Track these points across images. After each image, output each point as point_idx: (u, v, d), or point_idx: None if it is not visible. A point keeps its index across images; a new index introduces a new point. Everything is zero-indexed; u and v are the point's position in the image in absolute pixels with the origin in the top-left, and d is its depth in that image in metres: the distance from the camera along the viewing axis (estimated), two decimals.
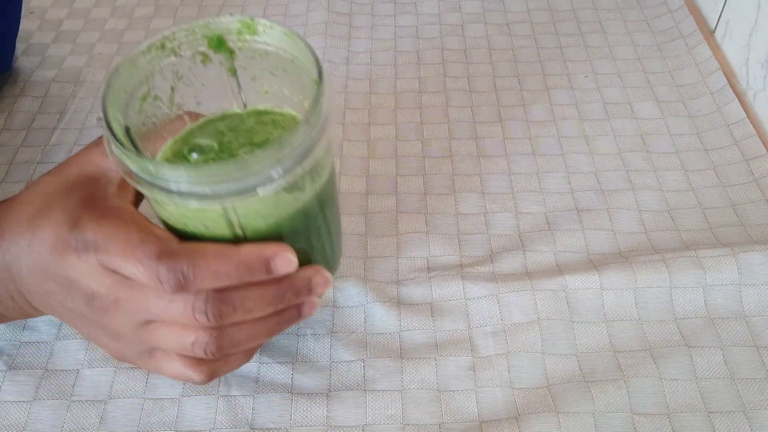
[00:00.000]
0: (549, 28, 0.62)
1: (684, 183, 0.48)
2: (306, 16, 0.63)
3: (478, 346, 0.39)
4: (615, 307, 0.40)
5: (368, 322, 0.40)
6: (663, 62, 0.58)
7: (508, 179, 0.49)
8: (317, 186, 0.32)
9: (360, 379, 0.38)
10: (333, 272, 0.37)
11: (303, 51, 0.31)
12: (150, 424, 0.36)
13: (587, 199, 0.47)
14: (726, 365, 0.38)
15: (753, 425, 0.35)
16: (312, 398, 0.37)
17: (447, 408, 0.37)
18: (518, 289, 0.41)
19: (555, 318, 0.40)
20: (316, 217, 0.33)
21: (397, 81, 0.57)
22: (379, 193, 0.48)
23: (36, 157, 0.51)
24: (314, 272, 0.33)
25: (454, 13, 0.64)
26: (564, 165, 0.50)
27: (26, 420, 0.36)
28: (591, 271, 0.41)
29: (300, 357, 0.39)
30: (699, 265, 0.41)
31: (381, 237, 0.45)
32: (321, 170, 0.32)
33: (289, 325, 0.33)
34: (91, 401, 0.37)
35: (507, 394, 0.37)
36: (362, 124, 0.53)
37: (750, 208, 0.46)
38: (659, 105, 0.54)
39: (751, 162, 0.48)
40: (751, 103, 0.53)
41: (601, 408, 0.36)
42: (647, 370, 0.38)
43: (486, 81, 0.57)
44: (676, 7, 0.62)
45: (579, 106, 0.54)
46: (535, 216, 0.46)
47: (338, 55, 0.59)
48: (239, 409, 0.37)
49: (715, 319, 0.40)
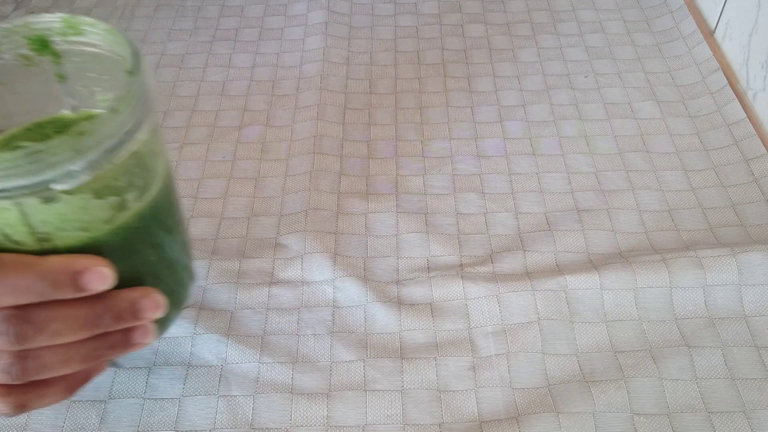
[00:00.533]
0: (549, 28, 0.62)
1: (684, 183, 0.48)
2: (306, 16, 0.63)
3: (478, 346, 0.39)
4: (615, 307, 0.40)
5: (368, 322, 0.40)
6: (663, 62, 0.58)
7: (508, 179, 0.49)
8: (144, 195, 0.28)
9: (360, 379, 0.38)
10: (180, 301, 0.34)
11: (124, 47, 0.29)
12: (150, 424, 0.36)
13: (587, 199, 0.47)
14: (726, 365, 0.38)
15: (753, 425, 0.35)
16: (312, 398, 0.37)
17: (447, 408, 0.37)
18: (518, 289, 0.41)
19: (555, 318, 0.40)
20: (146, 233, 0.29)
21: (397, 81, 0.57)
22: (379, 193, 0.48)
23: None
24: (142, 294, 0.29)
25: (454, 13, 0.64)
26: (564, 165, 0.50)
27: (26, 420, 0.36)
28: (591, 271, 0.41)
29: (300, 357, 0.39)
30: (699, 265, 0.41)
31: (381, 237, 0.45)
32: (146, 175, 0.28)
33: (115, 353, 0.30)
34: (91, 401, 0.37)
35: (507, 394, 0.37)
36: (362, 124, 0.53)
37: (750, 208, 0.46)
38: (659, 105, 0.54)
39: (751, 162, 0.48)
40: (751, 103, 0.53)
41: (602, 408, 0.36)
42: (647, 370, 0.38)
43: (486, 81, 0.57)
44: (676, 7, 0.62)
45: (579, 106, 0.54)
46: (535, 216, 0.46)
47: (338, 55, 0.59)
48: (239, 409, 0.37)
49: (715, 319, 0.40)
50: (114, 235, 0.28)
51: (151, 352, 0.39)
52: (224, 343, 0.39)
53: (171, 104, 0.55)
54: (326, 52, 0.59)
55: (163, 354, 0.39)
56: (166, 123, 0.53)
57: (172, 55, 0.60)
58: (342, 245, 0.44)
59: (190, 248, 0.36)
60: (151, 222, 0.30)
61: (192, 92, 0.56)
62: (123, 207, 0.28)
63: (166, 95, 0.56)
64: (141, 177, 0.28)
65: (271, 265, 0.43)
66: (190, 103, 0.55)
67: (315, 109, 0.54)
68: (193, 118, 0.54)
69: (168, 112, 0.55)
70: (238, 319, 0.41)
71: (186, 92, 0.56)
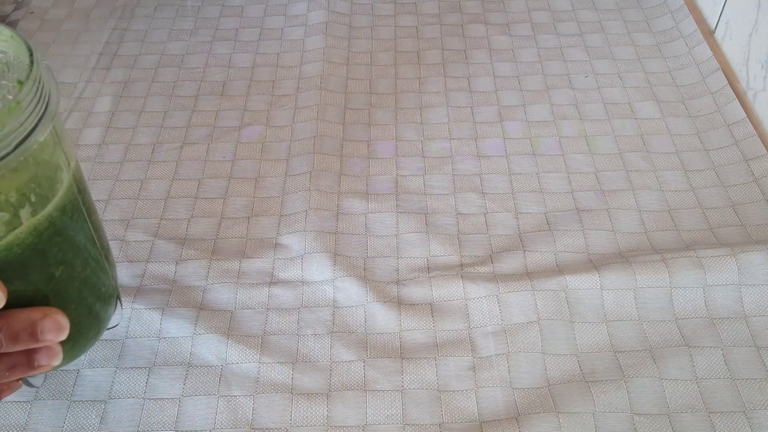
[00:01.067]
0: (549, 28, 0.62)
1: (684, 183, 0.48)
2: (306, 16, 0.63)
3: (478, 346, 0.39)
4: (615, 307, 0.40)
5: (368, 322, 0.40)
6: (663, 62, 0.58)
7: (508, 179, 0.49)
8: (42, 209, 0.27)
9: (360, 379, 0.38)
10: (96, 323, 0.33)
11: (25, 53, 0.27)
12: (150, 424, 0.36)
13: (587, 199, 0.47)
14: (726, 365, 0.38)
15: (753, 425, 0.35)
16: (312, 398, 0.37)
17: (447, 408, 0.37)
18: (518, 289, 0.41)
19: (555, 318, 0.40)
20: (47, 250, 0.28)
21: (397, 81, 0.57)
22: (379, 193, 0.48)
23: None
24: (41, 315, 0.27)
25: (454, 13, 0.64)
26: (564, 165, 0.50)
27: (26, 420, 0.36)
28: (591, 271, 0.41)
29: (300, 357, 0.39)
30: (699, 265, 0.41)
31: (381, 237, 0.45)
32: (45, 187, 0.27)
33: (17, 375, 0.28)
34: (91, 401, 0.37)
35: (507, 394, 0.37)
36: (362, 124, 0.53)
37: (750, 208, 0.46)
38: (659, 105, 0.54)
39: (751, 162, 0.48)
40: (751, 103, 0.53)
41: (602, 408, 0.36)
42: (647, 370, 0.38)
43: (486, 81, 0.57)
44: (676, 7, 0.62)
45: (579, 106, 0.54)
46: (535, 216, 0.46)
47: (338, 55, 0.59)
48: (239, 409, 0.37)
49: (715, 319, 0.40)
50: (6, 251, 0.26)
51: (151, 352, 0.39)
52: (224, 343, 0.39)
53: (171, 104, 0.55)
54: (326, 52, 0.59)
55: (163, 354, 0.39)
56: (165, 123, 0.53)
57: (172, 55, 0.60)
58: (342, 245, 0.44)
59: (111, 266, 0.35)
60: (54, 238, 0.28)
61: (192, 92, 0.56)
62: (14, 222, 0.26)
63: (166, 95, 0.56)
64: (36, 190, 0.26)
65: (271, 265, 0.43)
66: (190, 103, 0.55)
67: (315, 109, 0.54)
68: (193, 118, 0.54)
69: (168, 112, 0.55)
70: (239, 319, 0.41)
71: (186, 92, 0.56)
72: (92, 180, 0.49)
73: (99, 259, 0.33)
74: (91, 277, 0.32)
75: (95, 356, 0.39)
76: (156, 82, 0.57)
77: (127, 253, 0.44)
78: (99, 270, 0.33)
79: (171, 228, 0.46)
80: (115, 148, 0.52)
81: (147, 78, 0.58)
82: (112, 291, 0.35)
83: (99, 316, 0.34)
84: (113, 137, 0.52)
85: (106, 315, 0.35)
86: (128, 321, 0.40)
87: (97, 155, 0.51)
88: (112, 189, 0.48)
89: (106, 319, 0.35)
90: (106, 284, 0.34)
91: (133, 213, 0.47)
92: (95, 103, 0.55)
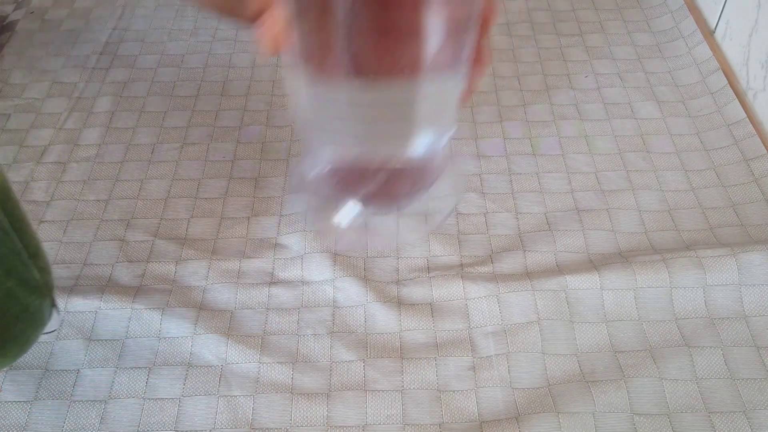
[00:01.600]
0: (549, 28, 0.62)
1: (684, 183, 0.48)
2: None
3: (478, 346, 0.39)
4: (615, 307, 0.40)
5: (368, 322, 0.40)
6: (663, 62, 0.58)
7: (508, 179, 0.49)
8: None
9: (360, 379, 0.38)
10: (19, 335, 0.32)
11: None
12: (150, 424, 0.36)
13: (587, 199, 0.47)
14: (726, 365, 0.38)
15: (753, 425, 0.35)
16: (312, 398, 0.37)
17: (447, 408, 0.37)
18: (518, 289, 0.41)
19: (555, 318, 0.40)
20: None
21: None
22: None
23: None
24: None
25: None
26: (564, 165, 0.50)
27: (26, 420, 0.36)
28: (591, 271, 0.41)
29: (300, 357, 0.39)
30: (699, 265, 0.41)
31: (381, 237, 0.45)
32: None
33: None
34: (91, 401, 0.37)
35: (507, 394, 0.37)
36: None
37: (750, 208, 0.46)
38: (659, 105, 0.54)
39: (751, 162, 0.48)
40: (751, 103, 0.53)
41: (601, 408, 0.36)
42: (647, 370, 0.38)
43: (486, 81, 0.57)
44: (676, 7, 0.62)
45: (579, 106, 0.54)
46: (535, 216, 0.46)
47: None
48: (239, 409, 0.37)
49: (715, 319, 0.40)
50: None
51: (151, 352, 0.39)
52: (224, 343, 0.39)
53: (171, 104, 0.55)
54: None
55: (163, 354, 0.39)
56: (165, 123, 0.53)
57: (172, 55, 0.60)
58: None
59: (36, 259, 0.34)
60: None
61: (192, 92, 0.56)
62: None
63: (166, 95, 0.56)
64: None
65: (271, 265, 0.43)
66: (190, 103, 0.55)
67: None
68: (193, 118, 0.54)
69: (168, 112, 0.55)
70: (238, 319, 0.41)
71: (186, 92, 0.56)
72: (92, 180, 0.49)
73: (22, 268, 0.32)
74: (11, 289, 0.31)
75: (95, 356, 0.39)
76: (156, 82, 0.57)
77: (127, 253, 0.44)
78: (23, 282, 0.32)
79: (171, 228, 0.46)
80: (115, 148, 0.52)
81: (147, 78, 0.58)
82: (35, 284, 0.34)
83: (26, 328, 0.33)
84: (113, 137, 0.52)
85: (35, 329, 0.34)
86: (128, 321, 0.40)
87: (97, 155, 0.51)
88: (112, 189, 0.48)
89: (33, 332, 0.34)
90: (24, 272, 0.33)
91: (133, 213, 0.47)
92: (95, 103, 0.55)
